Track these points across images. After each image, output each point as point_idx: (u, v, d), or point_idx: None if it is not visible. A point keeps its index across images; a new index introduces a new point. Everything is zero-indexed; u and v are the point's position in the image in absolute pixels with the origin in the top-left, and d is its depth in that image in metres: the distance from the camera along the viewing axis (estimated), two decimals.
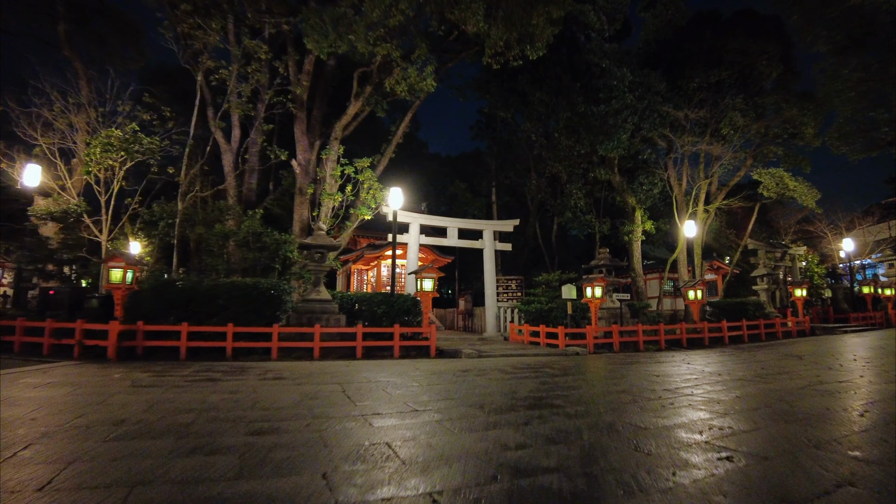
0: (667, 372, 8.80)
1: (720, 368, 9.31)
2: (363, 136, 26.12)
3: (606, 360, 11.72)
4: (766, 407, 5.41)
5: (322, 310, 12.78)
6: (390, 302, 12.90)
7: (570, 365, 10.12)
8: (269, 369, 8.89)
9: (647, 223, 21.11)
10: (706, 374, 8.49)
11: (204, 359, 11.12)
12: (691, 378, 7.90)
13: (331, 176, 16.21)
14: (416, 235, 17.27)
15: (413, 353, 12.77)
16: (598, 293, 15.19)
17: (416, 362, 10.72)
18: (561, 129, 18.95)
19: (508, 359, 11.80)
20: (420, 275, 13.09)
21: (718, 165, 21.45)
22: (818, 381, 7.24)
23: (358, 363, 10.43)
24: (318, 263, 13.21)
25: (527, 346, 15.57)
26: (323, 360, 11.50)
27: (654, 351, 15.26)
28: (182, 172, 15.56)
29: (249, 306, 11.95)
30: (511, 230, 19.19)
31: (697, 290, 18.13)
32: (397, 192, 14.09)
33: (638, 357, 12.69)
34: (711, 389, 6.68)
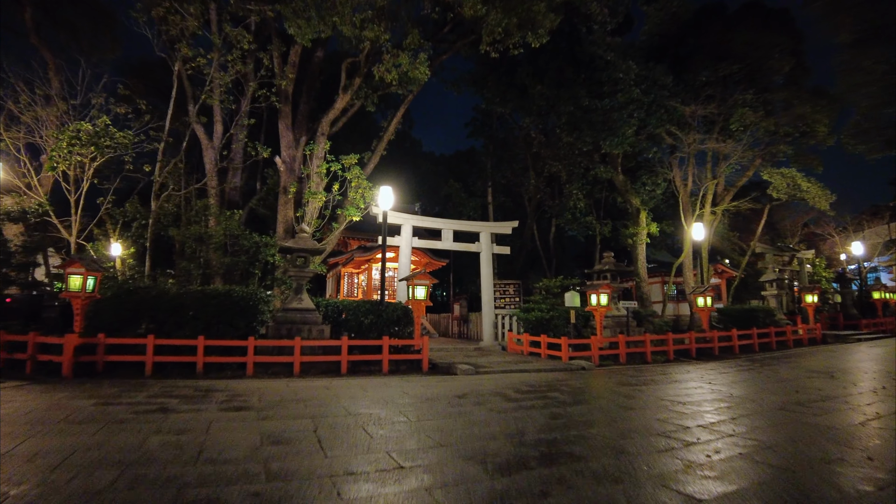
0: (690, 396, 7.73)
1: (747, 391, 8.25)
2: (354, 133, 25.02)
3: (616, 377, 10.65)
4: (841, 461, 4.33)
5: (304, 320, 11.65)
6: (378, 311, 11.78)
7: (578, 386, 9.03)
8: (237, 393, 7.75)
9: (652, 225, 20.08)
10: (735, 398, 7.43)
11: (171, 375, 10.01)
12: (722, 406, 6.83)
13: (316, 173, 15.07)
14: (409, 238, 16.14)
15: (404, 367, 11.66)
16: (603, 301, 14.13)
17: (406, 381, 9.60)
18: (562, 124, 17.88)
19: (509, 376, 10.71)
20: (411, 282, 11.98)
21: (727, 165, 20.46)
22: (876, 414, 6.18)
23: (340, 382, 9.30)
24: (300, 269, 12.08)
25: (526, 357, 14.49)
26: (303, 376, 10.39)
27: (662, 363, 14.26)
28: (156, 170, 14.37)
29: (222, 317, 10.81)
30: (510, 232, 18.09)
31: (707, 296, 17.11)
32: (387, 192, 12.97)
33: (648, 372, 11.64)
34: (754, 425, 5.61)
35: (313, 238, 15.26)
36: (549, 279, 17.64)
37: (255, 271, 13.15)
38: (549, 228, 28.29)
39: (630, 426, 5.61)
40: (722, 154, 20.82)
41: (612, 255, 16.33)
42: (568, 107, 17.38)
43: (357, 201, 14.60)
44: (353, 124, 24.48)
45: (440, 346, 16.44)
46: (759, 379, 9.81)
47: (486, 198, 26.58)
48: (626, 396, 7.70)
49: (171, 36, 14.42)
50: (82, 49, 17.76)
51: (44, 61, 16.83)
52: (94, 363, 10.07)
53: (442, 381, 9.68)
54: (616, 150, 17.89)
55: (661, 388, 8.68)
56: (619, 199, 23.89)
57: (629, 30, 22.46)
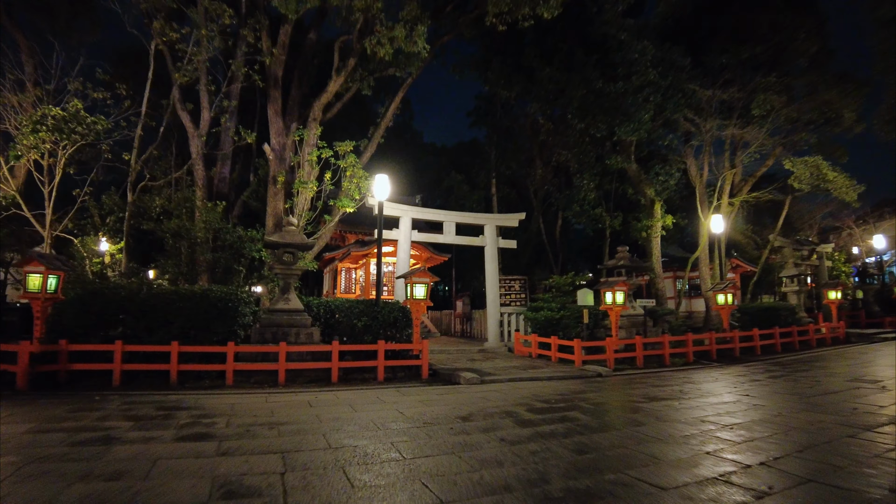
0: (732, 415, 6.59)
1: (792, 407, 7.11)
2: (352, 123, 23.83)
3: (638, 387, 9.52)
4: None
5: (291, 322, 10.54)
6: (373, 313, 10.66)
7: (599, 401, 7.90)
8: (205, 413, 6.65)
9: (668, 218, 18.88)
10: (786, 419, 6.29)
11: (142, 386, 8.98)
12: (777, 431, 5.69)
13: (307, 161, 13.93)
14: (408, 231, 14.99)
15: (401, 374, 10.56)
16: (619, 299, 13.00)
17: (402, 395, 8.49)
18: (573, 109, 16.67)
19: (518, 386, 9.59)
20: (410, 279, 10.84)
21: (745, 153, 19.25)
22: None
23: (328, 396, 8.19)
24: (286, 266, 10.95)
25: (535, 361, 13.38)
26: (289, 385, 9.32)
27: (681, 366, 13.17)
28: (132, 158, 13.24)
29: (198, 320, 9.71)
30: (516, 225, 16.90)
31: (728, 293, 15.97)
32: (383, 180, 11.81)
33: (671, 379, 10.53)
34: (826, 462, 4.48)
35: (305, 232, 14.16)
36: (559, 276, 16.47)
37: (239, 268, 12.04)
38: (556, 222, 27.11)
39: (677, 464, 4.49)
40: (741, 142, 19.62)
41: (627, 248, 15.18)
42: (579, 90, 16.15)
43: (352, 192, 13.46)
44: (350, 114, 23.35)
45: (441, 348, 15.35)
46: (800, 390, 8.67)
47: (489, 190, 25.37)
48: (659, 418, 6.58)
49: (144, 9, 13.22)
50: (57, 31, 16.57)
51: (15, 43, 15.68)
52: (56, 373, 9.02)
53: (443, 393, 8.57)
54: (632, 136, 16.68)
55: (695, 403, 7.55)
56: (630, 190, 22.70)
57: (641, 12, 21.19)
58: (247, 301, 10.12)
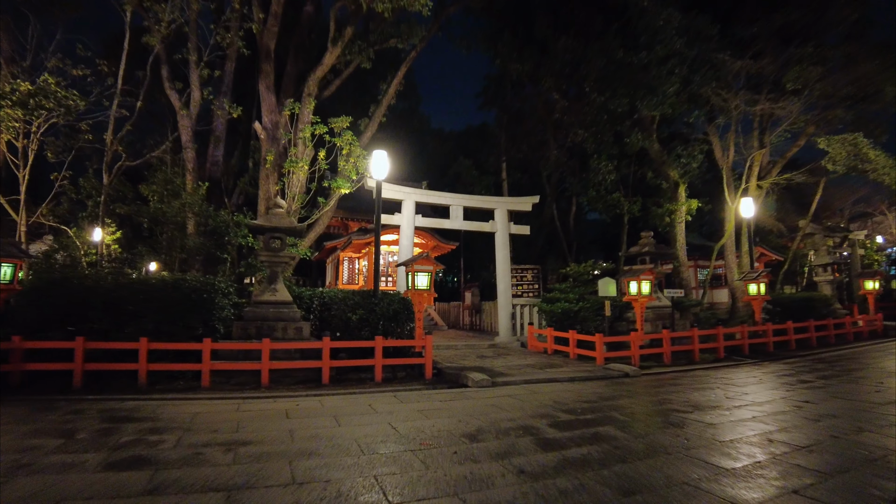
0: (798, 428, 5.33)
1: (863, 420, 5.82)
2: (357, 109, 22.50)
3: (673, 390, 8.26)
4: None
5: (278, 316, 9.37)
6: (370, 305, 9.44)
7: (634, 410, 6.64)
8: (157, 426, 5.49)
9: (693, 202, 17.49)
10: (863, 436, 5.02)
11: (106, 388, 7.86)
12: (860, 452, 4.43)
13: (300, 139, 12.71)
14: (411, 216, 13.72)
15: (402, 374, 9.37)
16: (645, 289, 11.72)
17: (400, 402, 7.29)
18: (592, 81, 15.27)
19: (536, 390, 8.36)
20: (411, 267, 9.62)
21: (776, 133, 17.77)
22: None
23: (311, 404, 7.01)
24: (274, 253, 9.77)
25: (551, 357, 12.13)
26: (273, 388, 8.17)
27: (711, 362, 11.92)
28: (108, 137, 12.10)
29: (170, 313, 8.56)
30: (529, 209, 15.54)
31: (760, 283, 14.62)
32: (382, 157, 10.55)
33: (706, 380, 9.27)
34: None
35: (300, 217, 12.99)
36: (578, 265, 15.14)
37: (224, 256, 10.87)
38: (570, 208, 25.73)
39: None
40: (770, 120, 18.15)
41: (651, 234, 13.85)
42: (599, 61, 14.75)
43: (348, 172, 12.22)
44: (352, 99, 22.09)
45: (448, 343, 14.14)
46: (865, 396, 7.35)
47: (499, 175, 24.00)
48: (714, 437, 5.32)
49: None
50: (34, 3, 15.42)
51: None
52: (7, 374, 7.91)
53: (448, 399, 7.35)
54: (655, 111, 15.28)
55: (748, 413, 6.28)
56: (650, 174, 21.29)
57: None
58: (225, 292, 8.95)
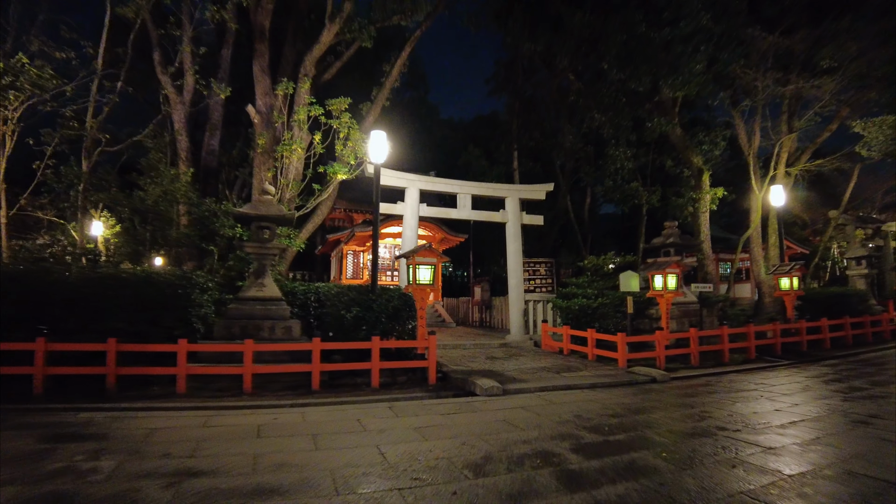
0: (881, 457, 4.28)
1: None
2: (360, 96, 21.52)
3: (710, 398, 7.20)
4: None
5: (266, 314, 8.44)
6: (367, 302, 8.46)
7: (673, 427, 5.61)
8: (103, 445, 4.56)
9: (719, 190, 16.29)
10: None
11: (71, 396, 6.98)
12: None
13: (295, 122, 11.76)
14: (415, 205, 12.69)
15: (402, 378, 8.39)
16: (671, 283, 10.64)
17: (396, 415, 6.32)
18: (612, 57, 14.10)
19: (553, 398, 7.35)
20: (412, 259, 8.62)
21: (805, 118, 16.49)
22: None
23: (290, 419, 6.05)
24: (261, 244, 8.83)
25: (568, 358, 11.09)
26: (257, 395, 7.26)
27: (741, 363, 10.87)
28: (87, 120, 11.21)
29: (142, 311, 7.65)
30: (543, 198, 14.42)
31: (793, 277, 13.48)
32: (381, 139, 9.54)
33: (744, 384, 8.23)
34: None
35: (296, 205, 12.06)
36: (598, 258, 14.04)
37: (210, 248, 9.95)
38: (584, 200, 24.58)
39: None
40: (799, 102, 16.87)
41: (676, 223, 12.74)
42: (619, 36, 13.58)
43: (346, 157, 11.24)
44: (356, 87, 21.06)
45: (456, 342, 13.15)
46: None
47: (510, 165, 22.88)
48: (776, 473, 4.29)
49: None
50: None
51: None
52: None
53: (451, 412, 6.35)
54: (680, 91, 14.11)
55: (805, 433, 5.23)
56: (669, 162, 20.10)
57: None
58: (203, 287, 8.02)
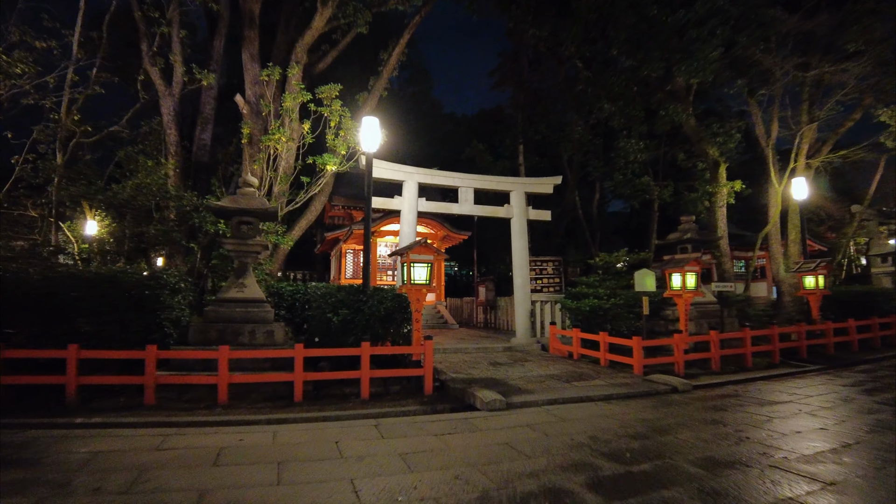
0: None
1: None
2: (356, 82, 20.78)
3: (741, 413, 6.37)
4: None
5: (246, 317, 7.68)
6: (356, 303, 7.66)
7: (710, 453, 4.77)
8: (32, 476, 3.81)
9: (737, 183, 15.39)
10: None
11: (29, 408, 6.25)
12: None
13: (284, 110, 11.00)
14: (414, 199, 11.89)
15: (396, 388, 7.60)
16: (690, 282, 9.79)
17: (380, 436, 5.52)
18: (622, 41, 13.27)
19: (564, 414, 6.54)
20: (407, 257, 7.82)
21: (830, 104, 15.55)
22: None
23: (258, 440, 5.27)
24: (241, 240, 8.08)
25: (579, 364, 10.25)
26: (231, 407, 6.51)
27: (765, 368, 10.05)
28: (62, 110, 10.50)
29: (108, 314, 6.91)
30: (550, 191, 13.56)
31: (818, 275, 12.60)
32: (373, 126, 8.74)
33: (777, 395, 7.38)
34: None
35: (287, 199, 11.31)
36: (610, 254, 13.17)
37: (190, 245, 9.20)
38: (593, 196, 23.69)
39: None
40: (821, 90, 15.93)
41: (693, 218, 11.88)
42: (629, 19, 12.75)
43: (338, 147, 10.46)
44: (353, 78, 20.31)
45: (457, 345, 12.35)
46: None
47: (516, 159, 22.04)
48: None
49: None
50: None
51: None
52: None
53: (446, 433, 5.55)
54: (695, 78, 13.24)
55: (870, 462, 4.39)
56: (682, 156, 19.18)
57: None
58: (175, 287, 7.26)
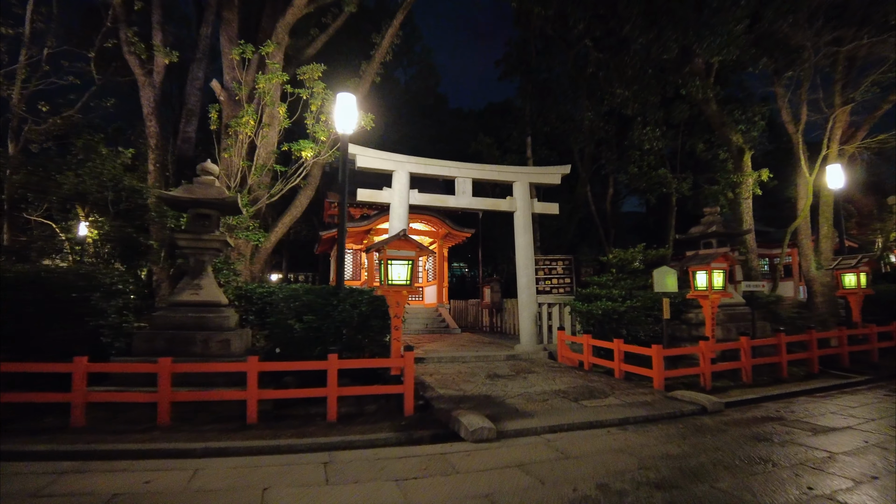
0: None
1: None
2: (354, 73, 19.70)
3: (794, 443, 5.14)
4: None
5: (200, 323, 6.60)
6: (324, 308, 6.53)
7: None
8: None
9: (764, 172, 14.05)
10: None
11: None
12: None
13: (260, 93, 9.96)
14: (404, 191, 10.73)
15: (371, 407, 6.45)
16: (717, 281, 8.55)
17: (326, 482, 4.39)
18: (635, 16, 12.05)
19: (567, 446, 5.36)
20: (384, 253, 6.68)
21: (866, 84, 14.13)
22: None
23: (173, 481, 4.17)
24: (196, 235, 7.00)
25: (589, 376, 9.01)
26: (173, 430, 5.47)
27: (803, 378, 8.87)
28: (14, 94, 9.55)
29: (30, 319, 5.88)
30: (558, 182, 12.29)
31: (860, 272, 11.26)
32: (348, 103, 7.62)
33: (831, 417, 6.14)
34: None
35: (263, 195, 10.26)
36: (625, 251, 11.90)
37: (150, 242, 8.18)
38: (606, 191, 22.39)
39: None
40: (855, 67, 14.52)
41: (718, 209, 10.60)
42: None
43: (317, 133, 9.38)
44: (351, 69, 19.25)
45: (455, 353, 11.16)
46: None
47: (524, 153, 20.80)
48: None
49: None
50: None
51: None
52: None
53: (414, 474, 4.38)
54: (717, 56, 11.95)
55: None
56: (701, 145, 17.88)
57: None
58: (111, 290, 6.21)
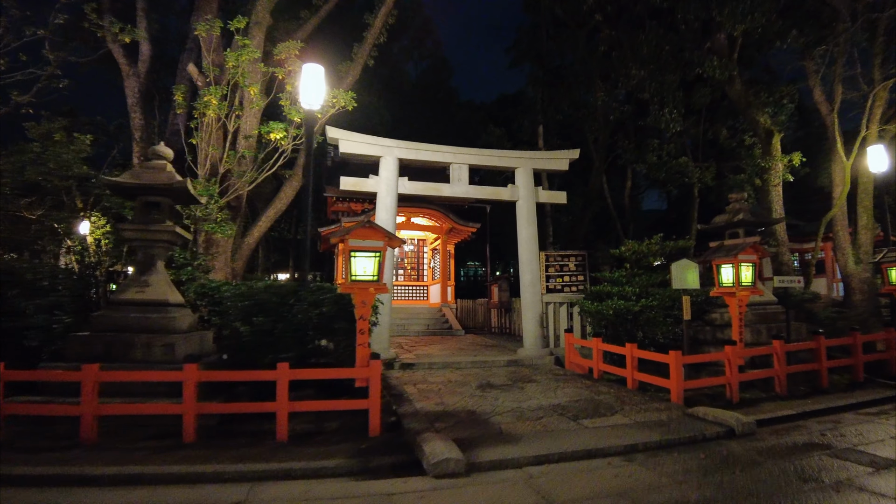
0: None
1: None
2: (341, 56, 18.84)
3: (852, 485, 4.06)
4: None
5: (143, 325, 5.74)
6: (279, 308, 5.60)
7: None
8: None
9: (795, 155, 12.77)
10: None
11: None
12: None
13: (231, 72, 9.12)
14: (392, 178, 9.71)
15: (331, 425, 5.50)
16: (746, 276, 7.42)
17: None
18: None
19: (552, 486, 4.35)
20: (346, 243, 5.74)
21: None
22: None
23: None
24: (143, 226, 6.16)
25: (598, 386, 7.89)
26: (98, 449, 4.76)
27: (846, 388, 7.82)
28: None
29: None
30: (565, 168, 11.05)
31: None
32: (314, 74, 6.70)
33: (884, 445, 5.01)
34: None
35: (239, 183, 9.42)
36: (640, 243, 10.76)
37: None
38: (624, 184, 21.18)
39: None
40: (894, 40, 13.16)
41: (745, 195, 9.42)
42: None
43: (291, 114, 8.50)
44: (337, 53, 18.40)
45: (450, 358, 10.15)
46: None
47: (535, 143, 19.74)
48: None
49: None
50: None
51: None
52: None
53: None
54: (741, 24, 10.74)
55: None
56: (725, 132, 16.62)
57: None
58: (33, 286, 5.36)
